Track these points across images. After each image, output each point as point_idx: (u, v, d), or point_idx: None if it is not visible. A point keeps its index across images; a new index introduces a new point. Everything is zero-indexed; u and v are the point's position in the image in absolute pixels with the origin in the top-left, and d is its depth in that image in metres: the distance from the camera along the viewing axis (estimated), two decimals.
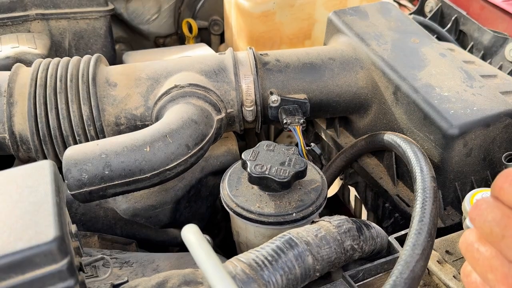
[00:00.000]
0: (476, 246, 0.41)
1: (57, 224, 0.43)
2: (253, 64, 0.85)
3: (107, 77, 0.83)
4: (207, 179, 0.95)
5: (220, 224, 1.16)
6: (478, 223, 0.40)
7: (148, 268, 0.73)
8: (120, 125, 0.82)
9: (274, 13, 1.22)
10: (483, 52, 1.24)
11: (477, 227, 0.41)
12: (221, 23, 1.52)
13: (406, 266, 0.51)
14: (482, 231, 0.40)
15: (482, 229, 0.40)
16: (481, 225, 0.40)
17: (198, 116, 0.77)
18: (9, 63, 0.95)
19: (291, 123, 0.81)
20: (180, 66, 0.85)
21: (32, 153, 0.80)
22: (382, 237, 0.65)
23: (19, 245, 0.40)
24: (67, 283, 0.42)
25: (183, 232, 0.47)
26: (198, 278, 0.52)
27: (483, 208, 0.40)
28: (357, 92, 0.89)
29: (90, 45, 1.22)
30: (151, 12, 1.57)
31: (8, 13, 1.11)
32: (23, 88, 0.79)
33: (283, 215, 0.65)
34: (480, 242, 0.41)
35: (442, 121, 0.73)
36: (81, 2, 1.17)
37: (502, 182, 0.39)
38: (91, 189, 0.68)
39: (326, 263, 0.55)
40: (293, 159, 0.68)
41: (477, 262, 0.41)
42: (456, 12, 1.32)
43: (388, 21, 0.97)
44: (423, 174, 0.63)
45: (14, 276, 0.40)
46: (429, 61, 0.85)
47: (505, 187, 0.38)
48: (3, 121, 0.78)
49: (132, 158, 0.69)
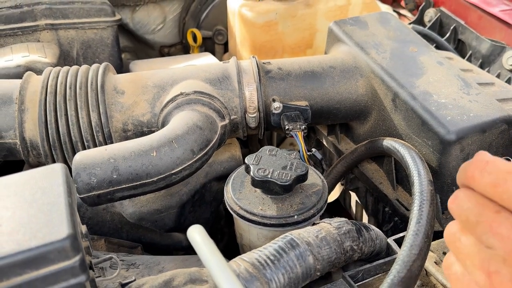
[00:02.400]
0: (458, 236, 0.42)
1: (70, 222, 0.45)
2: (256, 72, 0.88)
3: (115, 85, 0.86)
4: (211, 184, 0.97)
5: (223, 230, 1.18)
6: (456, 212, 0.41)
7: (154, 270, 0.75)
8: (127, 131, 0.84)
9: (276, 23, 1.25)
10: (481, 61, 1.26)
11: (456, 217, 0.42)
12: (225, 33, 1.54)
13: (404, 266, 0.53)
14: (460, 220, 0.41)
15: (459, 218, 0.41)
16: (458, 214, 0.41)
17: (203, 122, 0.79)
18: (20, 71, 0.98)
19: (293, 129, 0.83)
20: (185, 74, 0.88)
21: (42, 158, 0.83)
22: (381, 239, 0.67)
23: (34, 242, 0.43)
24: (79, 279, 0.44)
25: (189, 232, 0.49)
26: (203, 276, 0.54)
27: (460, 198, 0.41)
28: (357, 99, 0.91)
29: (98, 54, 1.25)
30: (156, 22, 1.61)
31: (19, 23, 1.14)
32: (34, 95, 0.82)
33: (285, 217, 0.67)
34: (462, 232, 0.41)
35: (440, 127, 0.75)
36: (89, 13, 1.20)
37: (472, 171, 0.40)
38: (100, 193, 0.70)
39: (326, 263, 0.57)
40: (294, 163, 0.71)
41: (458, 251, 0.41)
42: (454, 21, 1.35)
43: (387, 31, 1.00)
44: (421, 178, 0.65)
45: (29, 271, 0.42)
46: (427, 69, 0.88)
47: (476, 175, 0.39)
48: (15, 127, 0.80)
49: (139, 162, 0.71)
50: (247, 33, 1.26)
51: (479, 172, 0.39)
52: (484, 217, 0.38)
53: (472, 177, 0.40)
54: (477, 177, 0.39)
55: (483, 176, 0.38)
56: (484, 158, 0.40)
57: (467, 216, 0.40)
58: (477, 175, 0.39)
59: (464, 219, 0.40)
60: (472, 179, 0.40)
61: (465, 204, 0.40)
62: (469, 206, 0.40)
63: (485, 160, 0.39)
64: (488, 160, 0.39)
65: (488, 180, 0.38)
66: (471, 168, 0.40)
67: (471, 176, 0.40)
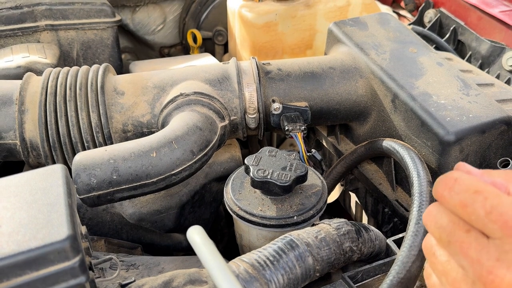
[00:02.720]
0: (434, 250, 0.41)
1: (70, 223, 0.45)
2: (256, 73, 0.88)
3: (115, 85, 0.86)
4: (211, 185, 0.97)
5: (223, 230, 1.19)
6: (429, 228, 0.41)
7: (154, 271, 0.75)
8: (127, 132, 0.84)
9: (276, 24, 1.25)
10: (481, 62, 1.26)
11: (430, 233, 0.41)
12: (225, 34, 1.55)
13: (403, 266, 0.54)
14: (434, 236, 0.41)
15: (433, 235, 0.41)
16: (432, 231, 0.41)
17: (203, 123, 0.79)
18: (20, 72, 0.98)
19: (292, 130, 0.83)
20: (185, 75, 0.88)
21: (42, 159, 0.83)
22: (380, 239, 0.67)
23: (34, 243, 0.43)
24: (79, 279, 0.45)
25: (188, 232, 0.49)
26: (203, 277, 0.54)
27: (433, 214, 0.40)
28: (356, 100, 0.91)
29: (98, 55, 1.25)
30: (156, 23, 1.61)
31: (19, 24, 1.14)
32: (34, 96, 0.82)
33: (285, 218, 0.67)
34: (438, 245, 0.41)
35: (439, 128, 0.76)
36: (89, 13, 1.21)
37: (442, 190, 0.39)
38: (100, 194, 0.71)
39: (325, 263, 0.57)
40: (294, 164, 0.71)
41: (434, 266, 0.41)
42: (454, 22, 1.35)
43: (387, 32, 1.00)
44: (420, 178, 0.66)
45: (29, 272, 0.42)
46: (427, 70, 0.88)
47: (445, 194, 0.38)
48: (15, 128, 0.81)
49: (139, 163, 0.71)
50: (247, 34, 1.26)
51: (448, 192, 0.38)
52: (455, 236, 0.37)
53: (442, 196, 0.39)
54: (446, 197, 0.38)
55: (451, 196, 0.38)
56: (452, 175, 0.38)
57: (440, 234, 0.39)
58: (446, 195, 0.38)
59: (437, 236, 0.40)
60: (442, 198, 0.39)
61: (438, 221, 0.39)
62: (441, 224, 0.39)
63: (453, 177, 0.38)
64: (456, 177, 0.38)
65: (456, 200, 0.37)
66: (440, 187, 0.39)
67: (441, 196, 0.39)
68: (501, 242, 0.34)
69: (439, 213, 0.40)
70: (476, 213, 0.35)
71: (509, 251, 0.34)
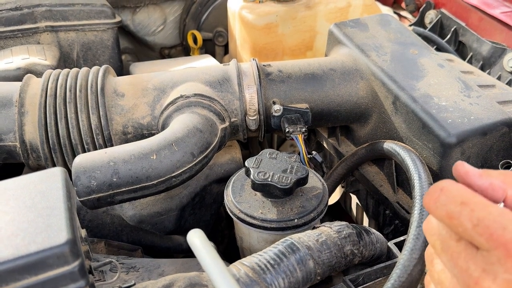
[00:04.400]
0: (432, 258, 0.42)
1: (69, 227, 0.45)
2: (256, 74, 0.88)
3: (115, 87, 0.86)
4: (211, 187, 0.97)
5: (223, 232, 1.18)
6: (426, 236, 0.41)
7: (154, 273, 0.74)
8: (127, 134, 0.84)
9: (276, 25, 1.25)
10: (482, 63, 1.26)
11: (427, 240, 0.42)
12: (225, 35, 1.55)
13: (404, 270, 0.53)
14: (430, 244, 0.41)
15: (429, 242, 0.41)
16: (428, 238, 0.41)
17: (203, 125, 0.79)
18: (20, 74, 0.98)
19: (293, 132, 0.83)
20: (185, 76, 0.88)
21: (42, 161, 0.83)
22: (381, 242, 0.67)
23: (33, 247, 0.42)
24: (78, 284, 0.44)
25: (188, 236, 0.49)
26: (203, 281, 0.54)
27: (430, 222, 0.41)
28: (357, 102, 0.91)
29: (98, 56, 1.25)
30: (156, 24, 1.61)
31: (19, 25, 1.14)
32: (34, 98, 0.82)
33: (285, 221, 0.67)
34: (435, 254, 0.41)
35: (440, 130, 0.75)
36: (89, 15, 1.20)
37: (428, 201, 0.39)
38: (100, 196, 0.70)
39: (326, 267, 0.57)
40: (295, 166, 0.70)
41: (431, 273, 0.42)
42: (455, 23, 1.35)
43: (388, 33, 0.99)
44: (421, 181, 0.65)
45: (28, 277, 0.42)
46: (428, 72, 0.87)
47: (431, 206, 0.38)
48: (14, 130, 0.80)
49: (139, 165, 0.71)
50: (248, 35, 1.26)
51: (433, 203, 0.38)
52: (447, 246, 0.38)
53: (429, 208, 0.39)
54: (432, 209, 0.38)
55: (437, 208, 0.38)
56: (439, 186, 0.38)
57: (434, 243, 0.40)
58: (432, 206, 0.38)
59: (433, 244, 0.40)
60: (429, 210, 0.39)
61: (433, 230, 0.40)
62: (436, 232, 0.39)
63: (440, 187, 0.38)
64: (442, 187, 0.38)
65: (443, 212, 0.37)
66: (427, 197, 0.39)
67: (428, 207, 0.39)
68: (488, 254, 0.34)
69: (435, 221, 0.40)
70: (463, 225, 0.35)
71: (495, 263, 0.34)
